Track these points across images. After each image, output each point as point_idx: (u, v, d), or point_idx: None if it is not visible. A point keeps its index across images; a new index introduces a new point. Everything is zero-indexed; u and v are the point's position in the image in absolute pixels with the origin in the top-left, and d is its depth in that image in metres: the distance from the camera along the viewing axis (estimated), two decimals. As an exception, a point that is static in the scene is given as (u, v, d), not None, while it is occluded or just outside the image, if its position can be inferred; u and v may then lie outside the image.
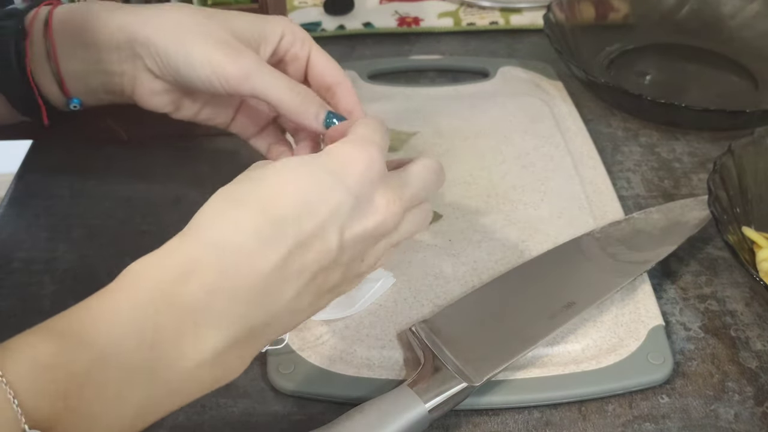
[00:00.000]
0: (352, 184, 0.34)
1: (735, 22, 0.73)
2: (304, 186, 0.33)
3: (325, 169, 0.34)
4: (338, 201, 0.33)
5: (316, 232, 0.33)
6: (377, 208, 0.35)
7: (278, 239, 0.32)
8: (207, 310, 0.30)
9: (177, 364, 0.29)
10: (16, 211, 0.54)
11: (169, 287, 0.30)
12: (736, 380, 0.42)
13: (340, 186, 0.33)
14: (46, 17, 0.44)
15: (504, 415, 0.40)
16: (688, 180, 0.57)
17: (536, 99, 0.64)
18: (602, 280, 0.45)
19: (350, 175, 0.34)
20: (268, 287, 0.31)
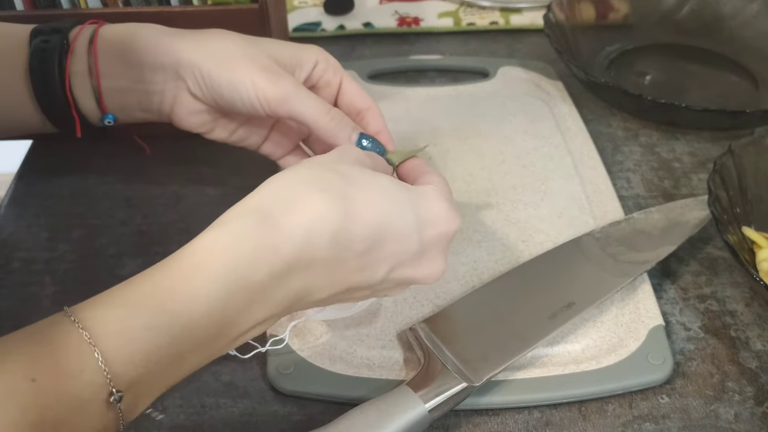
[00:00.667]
0: (427, 238, 0.37)
1: (735, 22, 0.73)
2: (389, 212, 0.35)
3: (414, 209, 0.36)
4: (408, 246, 0.36)
5: (375, 261, 0.36)
6: (432, 266, 0.38)
7: (346, 249, 0.34)
8: (267, 292, 0.33)
9: (231, 334, 0.33)
10: (16, 211, 0.54)
11: (242, 272, 0.32)
12: (736, 380, 0.42)
13: (417, 234, 0.36)
14: (91, 35, 0.45)
15: (504, 415, 0.40)
16: (688, 180, 0.57)
17: (536, 99, 0.64)
18: (602, 280, 0.45)
19: (432, 228, 0.37)
20: (316, 285, 0.35)
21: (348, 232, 0.34)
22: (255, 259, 0.32)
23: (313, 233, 0.33)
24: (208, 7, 0.54)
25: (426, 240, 0.37)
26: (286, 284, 0.33)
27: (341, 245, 0.34)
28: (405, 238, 0.36)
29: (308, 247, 0.33)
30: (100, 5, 0.54)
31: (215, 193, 0.55)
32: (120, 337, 0.29)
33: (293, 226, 0.33)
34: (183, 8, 0.53)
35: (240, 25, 0.54)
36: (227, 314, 0.32)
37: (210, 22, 0.54)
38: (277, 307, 0.34)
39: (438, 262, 0.38)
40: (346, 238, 0.34)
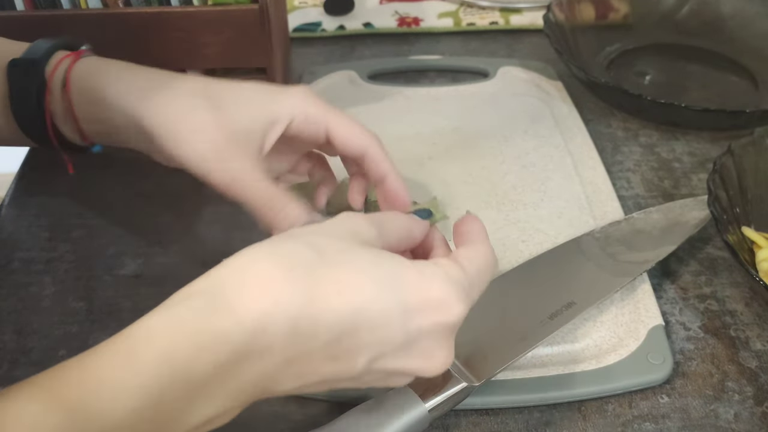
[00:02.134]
0: (414, 327, 0.31)
1: (735, 22, 0.73)
2: (364, 303, 0.30)
3: (399, 293, 0.31)
4: (388, 335, 0.31)
5: (348, 350, 0.30)
6: (428, 356, 0.32)
7: (308, 338, 0.29)
8: (212, 386, 0.28)
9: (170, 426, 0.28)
10: (16, 211, 0.54)
11: (181, 363, 0.28)
12: (736, 380, 0.42)
13: (401, 323, 0.31)
14: (64, 77, 0.43)
15: (504, 415, 0.40)
16: (688, 180, 0.57)
17: (536, 99, 0.64)
18: (602, 280, 0.45)
19: (421, 317, 0.31)
20: (275, 376, 0.30)
21: (311, 320, 0.29)
22: (197, 348, 0.28)
23: (269, 319, 0.29)
24: (208, 8, 0.54)
25: (413, 330, 0.31)
26: (238, 376, 0.29)
27: (302, 335, 0.29)
28: (383, 327, 0.30)
29: (262, 335, 0.28)
30: (101, 5, 0.54)
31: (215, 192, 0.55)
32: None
33: (245, 311, 0.28)
34: (183, 8, 0.54)
35: (240, 25, 0.54)
36: (162, 410, 0.27)
37: (210, 22, 0.54)
38: (231, 400, 0.29)
39: (437, 355, 0.32)
40: (308, 326, 0.29)
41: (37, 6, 0.53)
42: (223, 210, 0.53)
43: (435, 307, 0.31)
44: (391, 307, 0.31)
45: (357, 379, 0.32)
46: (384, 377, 0.33)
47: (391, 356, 0.31)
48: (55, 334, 0.45)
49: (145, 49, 0.55)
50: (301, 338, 0.29)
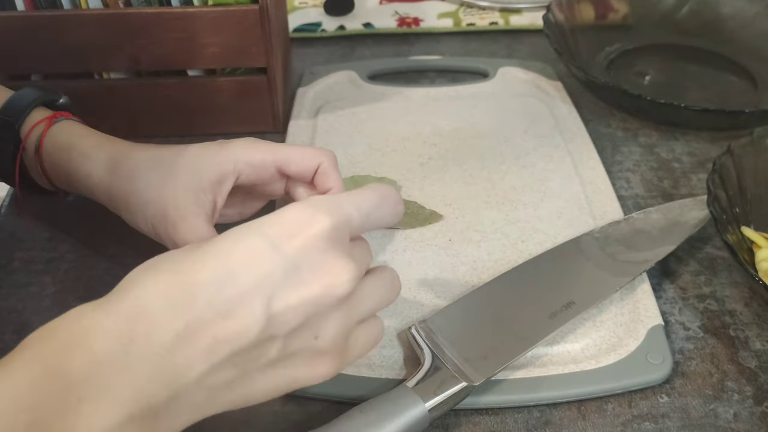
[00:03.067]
0: (290, 249, 0.31)
1: (735, 22, 0.73)
2: (231, 252, 0.30)
3: (260, 234, 0.31)
4: (269, 267, 0.30)
5: (236, 300, 0.29)
6: (321, 271, 0.31)
7: (188, 305, 0.28)
8: (93, 384, 0.26)
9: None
10: (16, 211, 0.54)
11: (52, 361, 0.26)
12: (736, 380, 0.42)
13: (272, 251, 0.30)
14: (37, 142, 0.47)
15: (504, 415, 0.40)
16: (688, 180, 0.57)
17: (536, 99, 0.64)
18: (602, 280, 0.45)
19: (289, 239, 0.31)
20: (169, 359, 0.28)
21: (183, 285, 0.29)
22: (67, 346, 0.27)
23: (141, 302, 0.28)
24: (208, 8, 0.54)
25: (289, 253, 0.30)
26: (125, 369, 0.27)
27: (181, 302, 0.28)
28: (259, 261, 0.30)
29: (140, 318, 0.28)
30: (101, 5, 0.54)
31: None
32: None
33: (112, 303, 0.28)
34: (183, 8, 0.54)
35: (240, 25, 0.54)
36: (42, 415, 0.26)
37: (210, 22, 0.54)
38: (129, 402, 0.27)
39: (332, 269, 0.31)
40: (182, 292, 0.29)
41: (37, 6, 0.53)
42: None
43: (301, 224, 0.31)
44: (257, 243, 0.30)
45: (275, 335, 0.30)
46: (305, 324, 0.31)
47: (285, 289, 0.30)
48: (55, 334, 0.45)
49: (146, 50, 0.55)
50: (182, 306, 0.28)
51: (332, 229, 0.32)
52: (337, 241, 0.32)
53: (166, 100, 0.58)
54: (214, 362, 0.29)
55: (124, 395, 0.27)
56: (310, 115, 0.62)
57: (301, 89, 0.65)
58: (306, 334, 0.32)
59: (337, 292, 0.31)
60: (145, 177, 0.42)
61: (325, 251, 0.32)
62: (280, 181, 0.45)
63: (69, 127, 0.47)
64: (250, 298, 0.29)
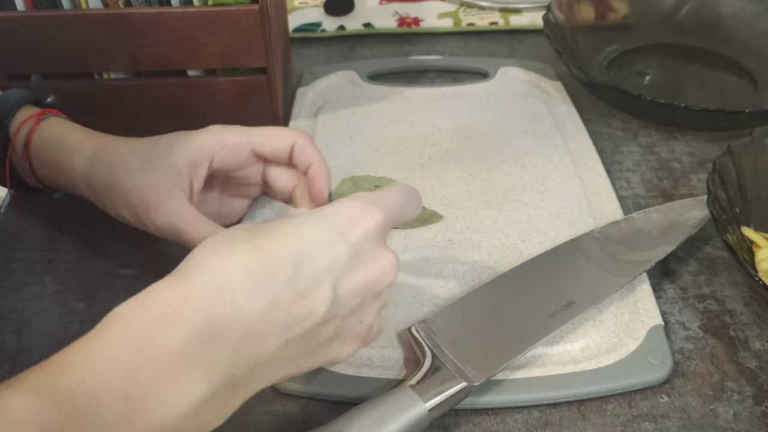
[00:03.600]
0: (353, 237, 0.34)
1: (734, 22, 0.73)
2: (303, 236, 0.33)
3: (327, 222, 0.34)
4: (337, 253, 0.33)
5: (311, 281, 0.32)
6: (377, 259, 0.35)
7: (269, 282, 0.31)
8: (187, 357, 0.28)
9: (154, 416, 0.28)
10: (17, 211, 0.54)
11: (147, 333, 0.28)
12: (735, 380, 0.42)
13: (339, 239, 0.34)
14: (25, 140, 0.47)
15: (504, 415, 0.40)
16: (688, 180, 0.57)
17: (536, 99, 0.64)
18: (602, 280, 0.45)
19: (353, 228, 0.34)
20: (255, 333, 0.30)
21: (263, 263, 0.31)
22: (158, 320, 0.28)
23: (223, 277, 0.30)
24: (208, 8, 0.54)
25: (354, 240, 0.34)
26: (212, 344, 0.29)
27: (261, 279, 0.31)
28: (328, 246, 0.33)
29: (222, 293, 0.30)
30: (101, 5, 0.54)
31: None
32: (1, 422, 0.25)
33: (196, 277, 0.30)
34: (183, 9, 0.54)
35: (240, 25, 0.54)
36: (139, 387, 0.27)
37: (210, 22, 0.54)
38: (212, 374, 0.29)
39: (383, 257, 0.35)
40: (263, 269, 0.31)
41: (37, 6, 0.53)
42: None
43: (360, 217, 0.35)
44: (325, 230, 0.34)
45: (336, 315, 0.33)
46: (356, 306, 0.34)
47: (348, 273, 0.34)
48: (55, 334, 0.45)
49: (146, 50, 0.55)
50: (262, 283, 0.30)
51: (384, 221, 0.36)
52: (385, 232, 0.36)
53: (166, 100, 0.58)
54: (289, 338, 0.31)
55: (213, 368, 0.29)
56: (310, 115, 0.62)
57: (301, 89, 0.65)
58: (356, 317, 0.35)
59: (387, 278, 0.35)
60: (125, 166, 0.43)
61: (379, 241, 0.36)
62: (256, 165, 0.46)
63: (57, 123, 0.47)
64: (322, 279, 0.32)
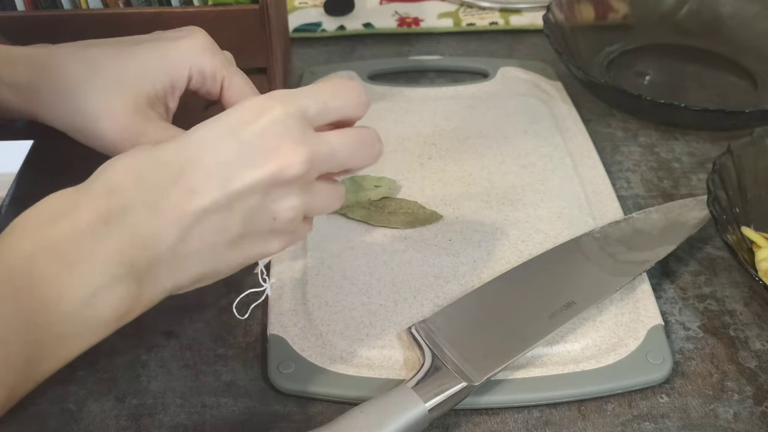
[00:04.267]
0: (245, 134, 0.33)
1: (734, 22, 0.73)
2: (191, 137, 0.34)
3: (220, 121, 0.34)
4: (226, 150, 0.33)
5: (199, 177, 0.33)
6: (275, 153, 0.33)
7: (154, 180, 0.32)
8: (80, 250, 0.30)
9: (58, 306, 0.30)
10: (17, 211, 0.54)
11: (42, 230, 0.30)
12: (736, 380, 0.42)
13: (230, 136, 0.33)
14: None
15: (504, 415, 0.40)
16: (688, 180, 0.57)
17: (536, 99, 0.64)
18: (602, 280, 0.45)
19: (245, 124, 0.34)
20: (144, 227, 0.32)
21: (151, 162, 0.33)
22: (54, 218, 0.31)
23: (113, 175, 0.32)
24: (208, 8, 0.54)
25: (245, 137, 0.33)
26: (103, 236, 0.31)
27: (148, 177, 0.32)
28: (216, 144, 0.33)
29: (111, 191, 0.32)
30: (101, 5, 0.54)
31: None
32: None
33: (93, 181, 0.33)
34: (183, 9, 0.54)
35: (240, 25, 0.54)
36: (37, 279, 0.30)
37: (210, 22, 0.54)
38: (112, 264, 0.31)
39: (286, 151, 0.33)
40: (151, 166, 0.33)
41: (37, 6, 0.53)
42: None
43: (256, 113, 0.34)
44: (216, 129, 0.34)
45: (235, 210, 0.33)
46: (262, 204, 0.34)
47: (240, 169, 0.33)
48: (55, 334, 0.45)
49: (146, 50, 0.55)
50: (150, 181, 0.32)
51: (286, 114, 0.34)
52: (291, 126, 0.34)
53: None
54: (184, 233, 0.32)
55: (108, 258, 0.31)
56: (310, 115, 0.62)
57: (301, 89, 0.65)
58: (265, 216, 0.35)
59: (288, 172, 0.34)
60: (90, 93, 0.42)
61: (280, 135, 0.34)
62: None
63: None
64: (211, 177, 0.33)
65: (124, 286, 0.31)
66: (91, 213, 0.31)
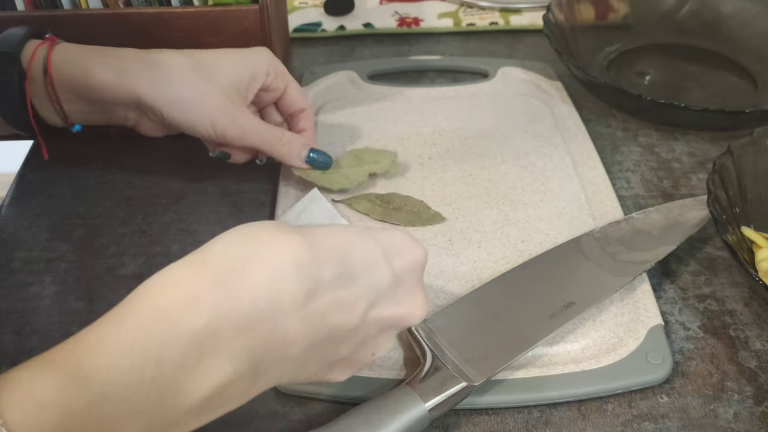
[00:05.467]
0: (398, 267, 0.34)
1: (735, 22, 0.73)
2: (350, 239, 0.33)
3: (374, 237, 0.34)
4: (380, 276, 0.33)
5: (352, 294, 0.32)
6: (412, 297, 0.35)
7: (313, 283, 0.30)
8: (213, 339, 0.28)
9: (179, 399, 0.28)
10: (16, 211, 0.54)
11: (174, 316, 0.28)
12: (736, 380, 0.42)
13: (386, 262, 0.33)
14: (44, 62, 0.46)
15: (504, 415, 0.40)
16: (688, 180, 0.57)
17: (536, 99, 0.64)
18: (602, 280, 0.45)
19: (399, 256, 0.34)
20: (283, 326, 0.30)
21: (312, 259, 0.30)
22: (189, 300, 0.28)
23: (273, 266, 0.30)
24: (208, 8, 0.54)
25: (398, 269, 0.34)
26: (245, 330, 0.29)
27: (308, 274, 0.30)
28: (375, 266, 0.33)
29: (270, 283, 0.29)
30: (101, 5, 0.54)
31: (215, 192, 0.55)
32: (26, 404, 0.25)
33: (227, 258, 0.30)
34: (183, 9, 0.54)
35: (240, 25, 0.54)
36: (166, 369, 0.27)
37: (210, 22, 0.54)
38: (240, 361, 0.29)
39: (418, 297, 0.35)
40: (310, 265, 0.30)
41: (37, 6, 0.53)
42: (222, 210, 0.53)
43: (407, 248, 0.35)
44: (373, 246, 0.33)
45: (356, 332, 0.33)
46: (376, 332, 0.34)
47: (386, 300, 0.34)
48: (55, 335, 0.45)
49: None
50: (306, 280, 0.30)
51: (425, 261, 0.36)
52: (421, 274, 0.36)
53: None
54: (314, 341, 0.31)
55: (241, 354, 0.29)
56: (310, 115, 0.62)
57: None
58: (370, 347, 0.35)
59: (412, 320, 0.35)
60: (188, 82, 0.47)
61: (418, 280, 0.36)
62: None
63: (74, 46, 0.48)
64: (360, 297, 0.32)
65: (244, 383, 0.30)
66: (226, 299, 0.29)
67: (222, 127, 0.47)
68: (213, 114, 0.47)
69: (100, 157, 0.58)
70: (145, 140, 0.54)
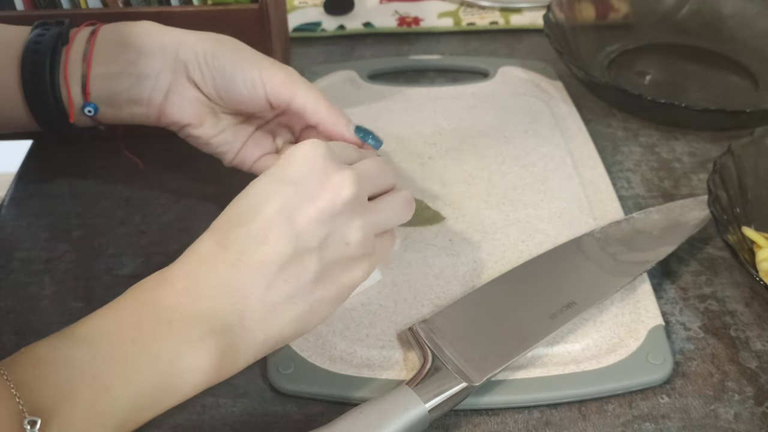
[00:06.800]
0: (291, 175, 0.37)
1: (735, 21, 0.73)
2: (253, 193, 0.37)
3: (270, 174, 0.38)
4: (281, 193, 0.36)
5: (267, 226, 0.36)
6: (325, 183, 0.37)
7: (231, 243, 0.36)
8: (178, 310, 0.34)
9: (159, 359, 0.33)
10: (16, 211, 0.54)
11: (147, 293, 0.35)
12: (736, 380, 0.42)
13: (280, 182, 0.37)
14: (93, 29, 0.47)
15: (504, 415, 0.40)
16: (688, 180, 0.57)
17: (536, 99, 0.64)
18: (602, 280, 0.45)
19: (289, 168, 0.37)
20: (231, 285, 0.35)
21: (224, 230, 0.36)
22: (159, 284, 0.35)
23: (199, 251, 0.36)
24: (208, 7, 0.54)
25: (292, 177, 0.37)
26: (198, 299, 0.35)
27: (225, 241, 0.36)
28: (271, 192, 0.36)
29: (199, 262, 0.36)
30: (100, 5, 0.54)
31: (214, 192, 0.55)
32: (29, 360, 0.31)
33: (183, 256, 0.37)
34: (183, 8, 0.54)
35: (240, 25, 0.54)
36: (142, 333, 0.33)
37: (210, 22, 0.54)
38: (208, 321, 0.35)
39: (333, 179, 0.37)
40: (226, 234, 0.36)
41: (36, 6, 0.53)
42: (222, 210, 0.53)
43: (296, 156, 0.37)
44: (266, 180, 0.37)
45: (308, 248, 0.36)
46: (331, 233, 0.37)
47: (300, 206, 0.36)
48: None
49: (145, 49, 0.55)
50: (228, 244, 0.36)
51: (327, 149, 0.38)
52: (330, 159, 0.38)
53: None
54: (269, 281, 0.35)
55: (203, 314, 0.34)
56: (310, 114, 0.62)
57: (301, 89, 0.65)
58: (337, 244, 0.37)
59: (342, 195, 0.36)
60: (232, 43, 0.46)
61: (325, 168, 0.37)
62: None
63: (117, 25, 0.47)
64: (275, 221, 0.36)
65: (219, 338, 0.35)
66: (185, 279, 0.35)
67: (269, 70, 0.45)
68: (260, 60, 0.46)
69: (100, 157, 0.58)
70: (145, 140, 0.53)
